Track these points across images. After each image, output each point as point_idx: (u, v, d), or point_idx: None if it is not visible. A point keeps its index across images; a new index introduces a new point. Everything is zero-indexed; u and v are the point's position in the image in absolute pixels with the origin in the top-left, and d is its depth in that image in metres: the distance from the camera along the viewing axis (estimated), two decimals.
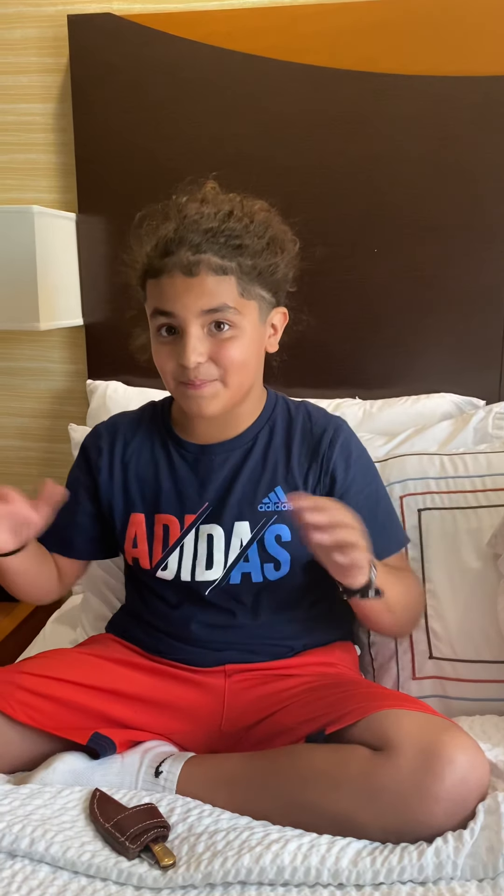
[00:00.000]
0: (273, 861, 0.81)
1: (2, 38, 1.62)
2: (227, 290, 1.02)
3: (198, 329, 1.01)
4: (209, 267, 1.00)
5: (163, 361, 1.05)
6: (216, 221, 1.02)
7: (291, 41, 1.51)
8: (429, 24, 1.46)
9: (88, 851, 0.84)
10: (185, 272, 1.00)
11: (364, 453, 1.16)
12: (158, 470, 1.13)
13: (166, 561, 1.11)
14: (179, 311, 1.01)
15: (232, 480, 1.11)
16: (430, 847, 0.82)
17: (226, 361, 1.03)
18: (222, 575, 1.09)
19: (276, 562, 1.09)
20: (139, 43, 1.54)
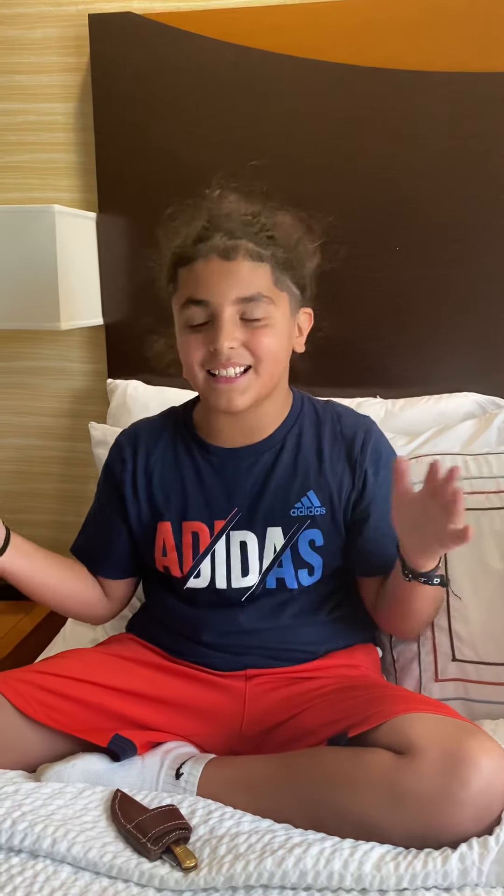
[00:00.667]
0: (296, 865, 0.80)
1: (23, 38, 1.62)
2: (263, 278, 1.01)
3: (232, 314, 1.00)
4: (246, 252, 1.00)
5: (192, 352, 1.03)
6: (248, 215, 1.02)
7: (313, 38, 1.50)
8: (452, 20, 1.45)
9: (110, 852, 0.84)
10: (223, 256, 0.99)
11: (393, 454, 1.15)
12: (184, 476, 1.11)
13: (198, 568, 1.09)
14: (214, 297, 0.99)
15: (263, 485, 1.10)
16: (454, 853, 0.81)
17: (260, 349, 1.01)
18: (258, 581, 1.09)
19: (310, 567, 1.09)
20: (160, 42, 1.54)
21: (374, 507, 1.10)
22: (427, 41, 1.47)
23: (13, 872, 0.82)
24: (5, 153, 1.68)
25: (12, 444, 1.81)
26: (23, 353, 1.76)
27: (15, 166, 1.68)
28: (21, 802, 0.89)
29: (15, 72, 1.64)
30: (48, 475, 1.81)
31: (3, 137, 1.67)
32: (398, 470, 0.91)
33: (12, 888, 0.80)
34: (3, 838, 0.84)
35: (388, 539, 1.06)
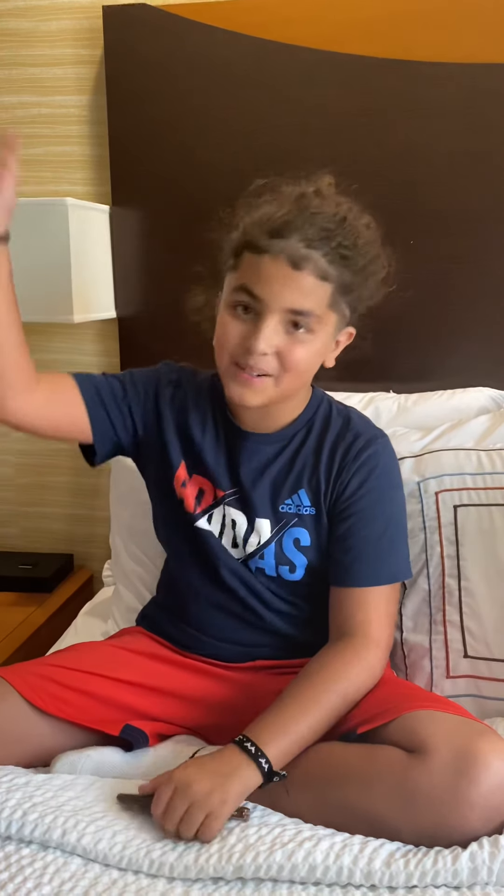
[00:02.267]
0: (305, 859, 0.80)
1: (37, 30, 1.62)
2: (321, 296, 0.99)
3: (276, 321, 0.98)
4: (315, 267, 0.97)
5: (227, 335, 1.00)
6: (332, 223, 0.98)
7: (326, 30, 1.49)
8: (468, 11, 1.43)
9: (119, 843, 0.84)
10: (292, 263, 0.96)
11: (391, 474, 1.10)
12: (205, 437, 1.11)
13: (212, 513, 1.10)
14: (268, 297, 0.97)
15: (260, 475, 1.10)
16: (464, 852, 0.80)
17: (290, 362, 0.99)
18: (241, 559, 1.10)
19: (292, 565, 1.08)
20: (174, 33, 1.53)
21: (348, 514, 1.07)
22: (442, 32, 1.45)
23: (23, 863, 0.83)
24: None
25: (27, 437, 1.81)
26: (36, 345, 1.75)
27: (28, 159, 1.68)
28: (32, 794, 0.89)
29: (29, 64, 1.64)
30: (61, 468, 1.81)
31: (16, 130, 1.67)
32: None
33: (22, 879, 0.80)
34: (13, 829, 0.85)
35: (355, 553, 1.05)
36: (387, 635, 1.05)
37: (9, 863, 0.83)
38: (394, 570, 1.08)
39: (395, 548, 1.08)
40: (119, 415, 1.11)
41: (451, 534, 1.21)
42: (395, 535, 1.09)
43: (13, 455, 1.83)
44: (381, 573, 1.06)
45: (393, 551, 1.08)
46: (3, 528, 1.86)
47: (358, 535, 1.06)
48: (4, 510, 1.86)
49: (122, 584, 1.44)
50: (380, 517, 1.07)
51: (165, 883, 0.81)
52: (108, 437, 1.11)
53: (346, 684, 0.98)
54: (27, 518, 1.86)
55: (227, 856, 0.81)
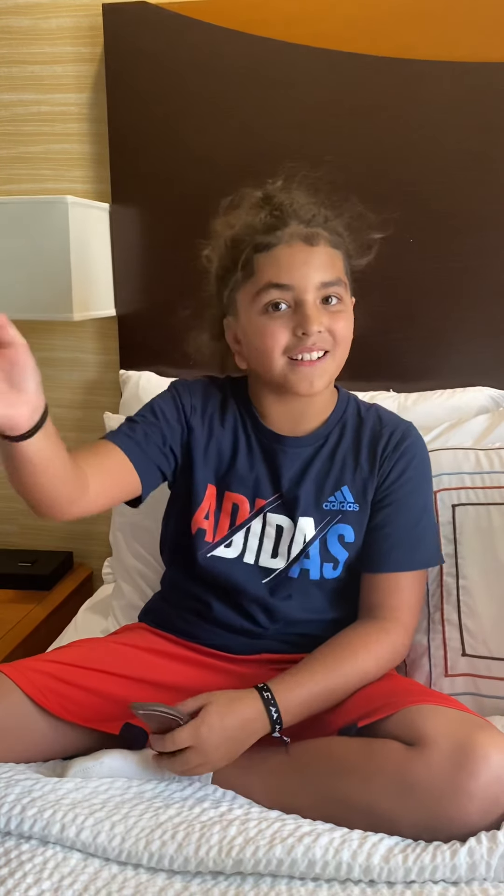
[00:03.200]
0: (305, 854, 0.81)
1: (37, 28, 1.62)
2: (339, 264, 1.06)
3: (314, 299, 1.03)
4: (326, 238, 1.03)
5: (274, 337, 1.03)
6: (314, 201, 1.05)
7: (326, 28, 1.49)
8: (468, 10, 1.44)
9: (118, 835, 0.84)
10: (306, 241, 1.02)
11: (425, 464, 1.15)
12: (237, 448, 1.13)
13: (232, 539, 1.11)
14: (299, 281, 1.02)
15: (302, 476, 1.11)
16: (463, 847, 0.81)
17: (339, 333, 1.05)
18: (284, 567, 1.10)
19: (335, 561, 1.10)
20: (174, 31, 1.53)
21: (388, 501, 1.10)
22: (443, 31, 1.45)
23: (23, 859, 0.83)
24: (19, 144, 1.68)
25: None
26: (35, 344, 1.74)
27: (28, 157, 1.68)
28: (31, 788, 0.89)
29: (29, 62, 1.64)
30: None
31: (16, 128, 1.67)
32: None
33: (22, 874, 0.80)
34: (13, 824, 0.85)
35: (393, 539, 1.09)
36: (415, 621, 1.11)
37: (8, 858, 0.83)
38: (427, 555, 1.13)
39: (429, 534, 1.13)
40: (165, 460, 1.11)
41: (450, 532, 1.21)
42: (429, 522, 1.14)
43: None
44: (415, 559, 1.10)
45: (427, 537, 1.13)
46: (3, 526, 1.86)
47: (396, 522, 1.09)
48: (3, 508, 1.86)
49: (122, 580, 1.44)
50: (416, 505, 1.12)
51: (165, 878, 0.82)
52: (156, 484, 1.12)
53: (368, 658, 1.02)
54: (26, 515, 1.85)
55: (226, 849, 0.82)
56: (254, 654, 1.10)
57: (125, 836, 0.84)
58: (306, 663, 1.01)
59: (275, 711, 0.95)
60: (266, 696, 0.95)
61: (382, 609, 1.08)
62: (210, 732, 0.91)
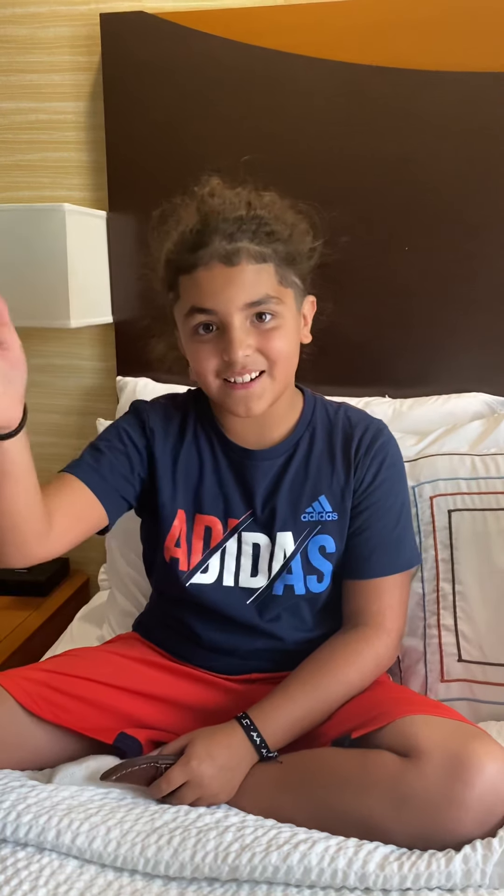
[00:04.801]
0: (300, 861, 0.81)
1: (35, 37, 1.63)
2: (267, 278, 0.98)
3: (241, 321, 0.97)
4: (249, 255, 0.96)
5: (203, 361, 0.99)
6: (242, 209, 0.98)
7: (322, 38, 1.50)
8: (462, 20, 1.45)
9: (114, 840, 0.84)
10: (225, 262, 0.95)
11: (398, 462, 1.12)
12: (203, 467, 1.09)
13: (207, 563, 1.08)
14: (221, 305, 0.96)
15: (275, 489, 1.08)
16: (458, 854, 0.81)
17: (273, 352, 0.98)
18: (265, 584, 1.07)
19: (320, 573, 1.07)
20: (171, 40, 1.54)
21: (364, 506, 1.07)
22: (437, 41, 1.46)
23: (19, 866, 0.83)
24: (17, 151, 1.68)
25: None
26: (33, 350, 1.77)
27: (26, 165, 1.68)
28: (26, 795, 0.89)
29: (27, 71, 1.65)
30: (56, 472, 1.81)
31: (14, 136, 1.68)
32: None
33: (18, 882, 0.80)
34: (8, 831, 0.85)
35: (373, 544, 1.07)
36: (400, 624, 1.08)
37: (4, 865, 0.83)
38: (408, 556, 1.10)
39: (407, 535, 1.11)
40: (131, 489, 1.07)
41: (446, 538, 1.22)
42: (406, 522, 1.11)
43: None
44: (396, 562, 1.08)
45: (408, 537, 1.11)
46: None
47: (374, 527, 1.07)
48: None
49: (117, 588, 1.44)
50: (393, 507, 1.09)
51: (161, 884, 0.82)
52: (122, 513, 1.08)
53: (350, 671, 1.01)
54: None
55: (222, 855, 0.82)
56: (244, 675, 1.09)
57: (120, 841, 0.84)
58: (285, 686, 1.00)
59: (257, 737, 0.95)
60: (245, 724, 0.96)
61: (365, 615, 1.06)
62: (200, 764, 0.91)
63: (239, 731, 0.95)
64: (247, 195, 1.01)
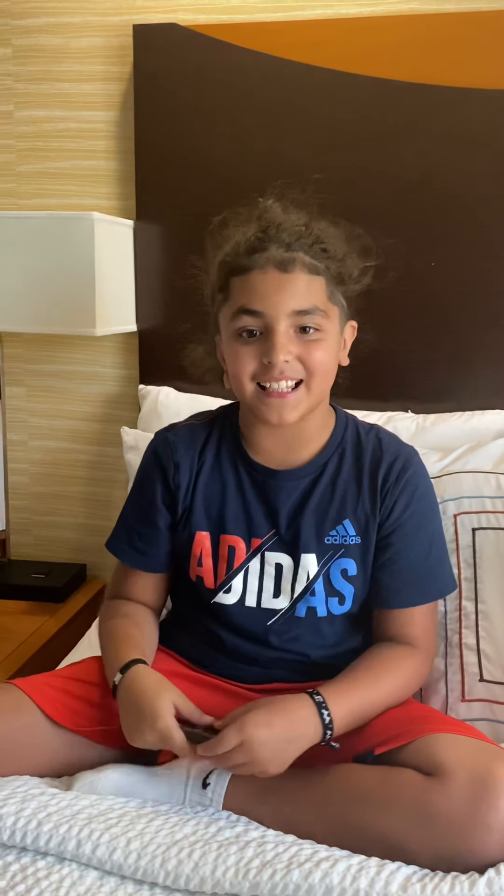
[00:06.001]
0: (322, 879, 0.80)
1: (68, 47, 1.64)
2: (318, 291, 1.00)
3: (286, 328, 0.98)
4: (303, 264, 0.98)
5: (242, 363, 1.00)
6: (300, 225, 1.00)
7: (352, 53, 1.50)
8: (492, 37, 1.45)
9: (134, 851, 0.84)
10: (280, 268, 0.98)
11: (429, 493, 1.11)
12: (226, 489, 1.09)
13: (230, 584, 1.08)
14: (270, 309, 0.98)
15: (300, 510, 1.07)
16: (482, 878, 0.80)
17: (312, 363, 1.00)
18: (288, 606, 1.07)
19: (342, 596, 1.07)
20: (202, 53, 1.55)
21: (395, 538, 1.07)
22: (467, 58, 1.46)
23: (39, 876, 0.83)
24: (46, 159, 1.70)
25: (43, 447, 1.83)
26: (56, 356, 1.78)
27: (55, 172, 1.70)
28: (47, 803, 0.89)
29: (58, 79, 1.66)
30: (76, 478, 1.82)
31: (44, 144, 1.70)
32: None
33: (38, 892, 0.80)
34: (28, 839, 0.85)
35: (404, 575, 1.07)
36: (434, 646, 1.10)
37: (25, 875, 0.83)
38: (440, 585, 1.11)
39: (440, 564, 1.11)
40: (167, 541, 1.13)
41: (469, 556, 1.21)
42: (439, 552, 1.11)
43: (29, 464, 1.84)
44: (429, 591, 1.09)
45: (439, 568, 1.10)
46: (18, 537, 1.87)
47: (405, 558, 1.07)
48: (19, 519, 1.86)
49: None
50: (424, 538, 1.08)
51: None
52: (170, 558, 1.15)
53: (400, 677, 1.03)
54: (41, 527, 1.87)
55: (243, 871, 0.81)
56: (265, 684, 1.08)
57: (141, 853, 0.84)
58: (348, 674, 1.01)
59: (327, 715, 0.93)
60: (318, 700, 0.94)
61: (399, 639, 1.07)
62: (256, 728, 0.89)
63: (307, 706, 0.93)
64: (306, 215, 1.04)
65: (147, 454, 1.15)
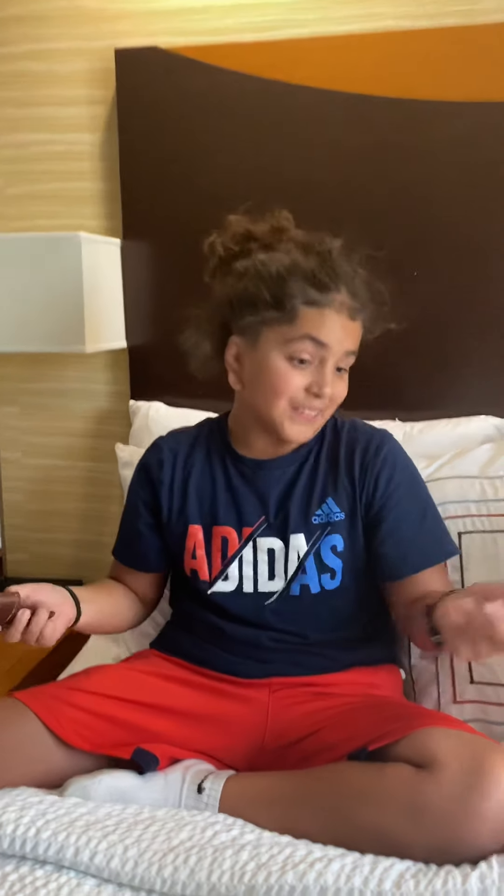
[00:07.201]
0: (317, 880, 0.81)
1: (52, 72, 1.68)
2: (359, 334, 1.12)
3: (334, 365, 1.09)
4: (360, 313, 1.10)
5: (289, 385, 1.08)
6: (354, 271, 1.09)
7: (332, 70, 1.54)
8: (468, 51, 1.48)
9: (131, 858, 0.85)
10: (350, 315, 1.08)
11: (410, 464, 1.18)
12: (216, 483, 1.17)
13: (226, 571, 1.14)
14: (334, 345, 1.07)
15: (287, 495, 1.14)
16: (474, 872, 0.81)
17: (338, 396, 1.11)
18: (283, 587, 1.13)
19: (332, 571, 1.12)
20: (184, 74, 1.59)
21: (387, 511, 1.13)
22: (443, 72, 1.50)
23: (38, 885, 0.84)
24: (34, 182, 1.73)
25: (37, 464, 1.84)
26: (48, 375, 1.80)
27: (43, 195, 1.73)
28: (45, 811, 0.90)
29: (43, 104, 1.69)
30: (71, 494, 1.84)
31: (31, 167, 1.72)
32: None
33: None
34: (27, 847, 0.86)
35: (406, 543, 1.12)
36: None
37: (23, 884, 0.84)
38: (447, 546, 1.16)
39: (438, 527, 1.17)
40: (154, 544, 1.22)
41: (456, 560, 1.23)
42: (434, 516, 1.17)
43: (23, 482, 1.86)
44: (434, 553, 1.14)
45: (437, 531, 1.16)
46: (14, 555, 1.88)
47: (401, 527, 1.12)
48: (15, 536, 1.88)
49: None
50: (415, 505, 1.15)
51: None
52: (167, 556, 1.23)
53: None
54: (37, 544, 1.88)
55: (238, 875, 0.82)
56: (264, 678, 1.11)
57: (138, 860, 0.85)
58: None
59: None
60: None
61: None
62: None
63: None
64: (354, 259, 1.11)
65: (136, 479, 1.24)
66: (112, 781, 0.98)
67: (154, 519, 1.20)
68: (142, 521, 1.21)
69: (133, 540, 1.23)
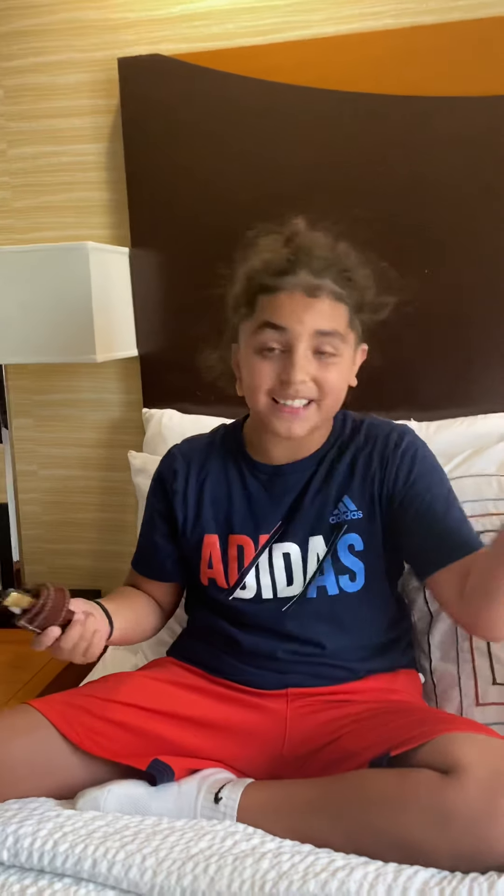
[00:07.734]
0: (339, 889, 0.79)
1: (55, 84, 1.69)
2: (340, 317, 1.05)
3: (306, 348, 1.03)
4: (330, 292, 1.04)
5: (261, 377, 1.05)
6: (328, 253, 1.05)
7: (335, 70, 1.53)
8: (471, 46, 1.47)
9: (150, 869, 0.83)
10: (307, 293, 1.03)
11: (430, 455, 1.15)
12: (232, 491, 1.16)
13: (244, 580, 1.12)
14: (294, 326, 1.03)
15: (302, 497, 1.13)
16: (501, 879, 0.79)
17: (327, 385, 1.05)
18: (301, 591, 1.11)
19: (351, 573, 1.11)
20: (187, 80, 1.59)
21: (409, 501, 1.09)
22: (448, 68, 1.48)
23: None
24: (42, 193, 1.73)
25: (53, 475, 1.85)
26: (61, 386, 1.81)
27: (51, 206, 1.73)
28: (62, 824, 0.90)
29: (49, 116, 1.70)
30: (87, 505, 1.84)
31: (38, 179, 1.73)
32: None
33: None
34: (45, 860, 0.85)
35: (442, 528, 1.08)
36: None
37: None
38: (475, 539, 1.10)
39: (464, 523, 1.11)
40: (169, 554, 1.21)
41: None
42: (458, 511, 1.12)
43: (40, 493, 1.86)
44: (468, 540, 1.08)
45: (464, 525, 1.10)
46: (32, 566, 1.89)
47: (426, 519, 1.08)
48: (32, 548, 1.88)
49: None
50: (439, 497, 1.11)
51: None
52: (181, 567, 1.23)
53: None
54: (55, 555, 1.88)
55: (259, 883, 0.81)
56: (281, 689, 1.09)
57: (156, 869, 0.83)
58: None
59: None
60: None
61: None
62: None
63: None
64: (334, 242, 1.08)
65: (152, 489, 1.23)
66: (122, 791, 0.97)
67: (170, 529, 1.19)
68: (158, 532, 1.20)
69: (151, 551, 1.22)
